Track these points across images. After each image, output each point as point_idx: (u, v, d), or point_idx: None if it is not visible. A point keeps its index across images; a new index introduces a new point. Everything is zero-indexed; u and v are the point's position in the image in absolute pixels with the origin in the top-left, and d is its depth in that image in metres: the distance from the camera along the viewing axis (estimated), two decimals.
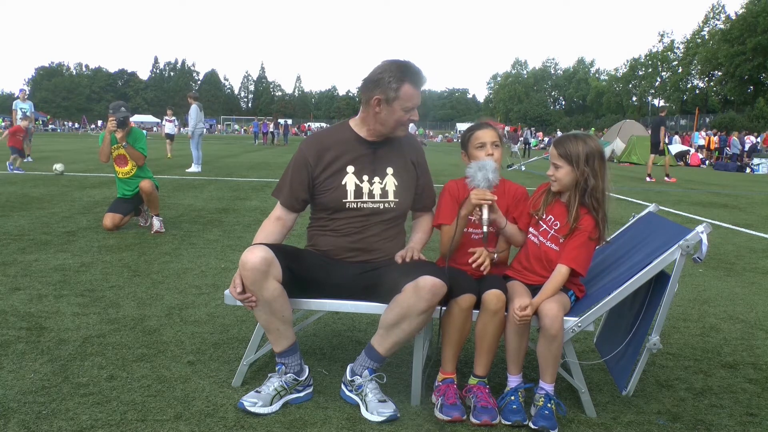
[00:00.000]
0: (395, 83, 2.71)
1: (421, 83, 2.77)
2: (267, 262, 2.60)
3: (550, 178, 2.85)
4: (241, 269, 2.62)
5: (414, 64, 2.79)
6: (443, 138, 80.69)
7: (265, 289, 2.61)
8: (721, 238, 7.82)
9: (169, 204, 9.14)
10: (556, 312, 2.59)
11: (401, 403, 2.76)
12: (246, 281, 2.62)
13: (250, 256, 2.60)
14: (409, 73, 2.73)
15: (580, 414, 2.74)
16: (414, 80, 2.74)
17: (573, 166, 2.77)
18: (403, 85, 2.71)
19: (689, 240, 2.55)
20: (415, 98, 2.77)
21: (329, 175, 2.86)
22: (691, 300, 4.75)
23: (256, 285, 2.60)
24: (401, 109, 2.75)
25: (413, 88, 2.74)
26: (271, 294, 2.63)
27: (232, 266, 5.28)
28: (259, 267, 2.58)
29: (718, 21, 73.12)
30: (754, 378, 3.25)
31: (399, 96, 2.72)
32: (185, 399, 2.75)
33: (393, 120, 2.78)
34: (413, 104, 2.77)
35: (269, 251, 2.63)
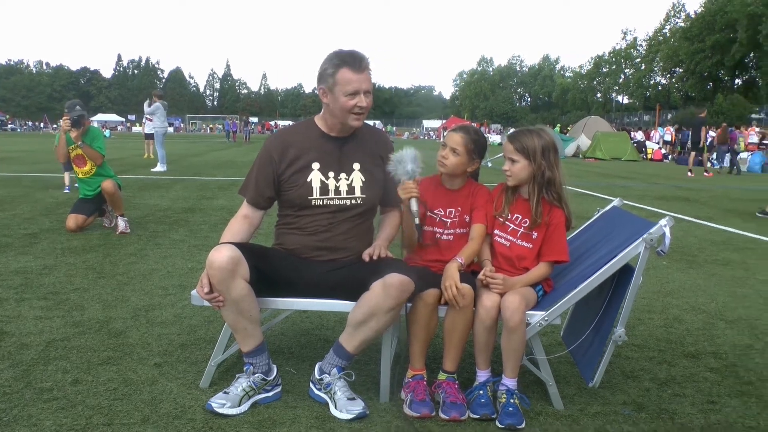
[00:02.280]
0: (331, 69, 2.72)
1: (359, 67, 2.73)
2: (234, 261, 2.58)
3: (506, 173, 2.86)
4: (208, 268, 2.59)
5: (355, 51, 2.77)
6: (410, 135, 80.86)
7: (232, 288, 2.59)
8: (683, 231, 7.98)
9: (134, 204, 9.00)
10: (517, 305, 2.62)
11: (370, 400, 2.76)
12: (213, 281, 2.59)
13: (216, 255, 2.58)
14: (345, 58, 2.72)
15: (548, 406, 2.77)
16: (350, 64, 2.71)
17: (530, 160, 2.80)
18: (339, 71, 2.71)
19: (653, 233, 2.60)
20: (355, 82, 2.72)
21: (294, 172, 2.85)
22: (655, 292, 4.84)
23: (223, 284, 2.58)
24: (343, 94, 2.73)
25: (351, 72, 2.71)
26: (239, 293, 2.61)
27: (198, 266, 5.22)
28: (226, 266, 2.56)
29: (679, 19, 74.69)
30: (715, 367, 3.33)
31: (337, 81, 2.71)
32: (152, 402, 2.71)
33: (339, 108, 2.77)
34: (354, 88, 2.73)
35: (236, 250, 2.61)
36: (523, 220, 2.87)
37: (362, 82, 2.75)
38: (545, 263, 2.84)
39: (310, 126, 2.94)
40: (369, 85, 2.79)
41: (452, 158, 2.89)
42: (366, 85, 2.77)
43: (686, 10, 75.35)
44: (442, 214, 2.94)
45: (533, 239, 2.85)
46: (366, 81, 2.77)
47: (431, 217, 2.94)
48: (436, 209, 2.95)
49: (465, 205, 2.95)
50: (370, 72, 2.79)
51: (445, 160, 2.90)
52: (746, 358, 3.48)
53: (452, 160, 2.89)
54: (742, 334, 3.88)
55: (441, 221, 2.93)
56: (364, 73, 2.75)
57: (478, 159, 2.96)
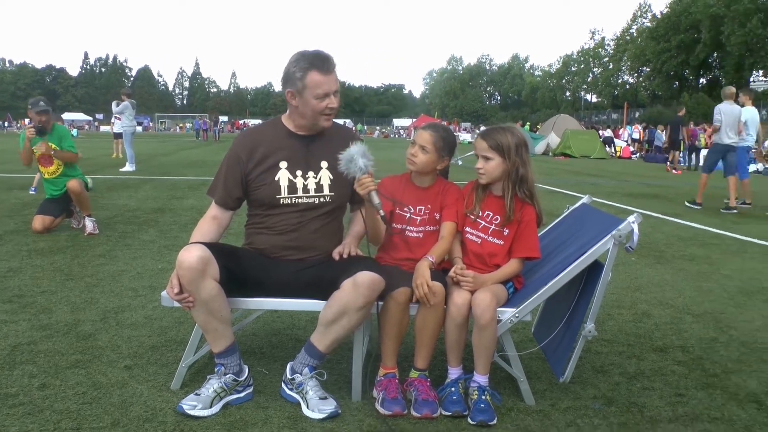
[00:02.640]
0: (300, 73, 2.70)
1: (327, 68, 2.72)
2: (204, 261, 2.56)
3: (479, 171, 2.87)
4: (177, 269, 2.57)
5: (320, 51, 2.76)
6: (380, 134, 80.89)
7: (202, 288, 2.57)
8: (651, 227, 8.12)
9: (102, 204, 8.86)
10: (488, 302, 2.63)
11: (342, 399, 2.75)
12: (183, 281, 2.57)
13: (186, 255, 2.55)
14: (312, 61, 2.71)
15: (519, 402, 2.80)
16: (319, 66, 2.70)
17: (504, 157, 2.82)
18: (309, 74, 2.69)
19: (621, 230, 2.63)
20: (325, 84, 2.72)
21: (262, 171, 2.83)
22: (624, 288, 4.91)
23: (193, 285, 2.56)
24: (313, 97, 2.72)
25: (320, 75, 2.70)
26: (209, 294, 2.59)
27: (169, 267, 5.16)
28: (196, 266, 2.53)
29: (646, 20, 75.95)
30: (682, 360, 3.39)
31: (306, 85, 2.70)
32: (122, 405, 2.67)
33: (309, 110, 2.76)
34: (324, 91, 2.72)
35: (206, 250, 2.59)
36: (494, 218, 2.89)
37: (331, 84, 2.75)
38: (516, 260, 2.86)
39: (277, 125, 2.93)
40: (337, 85, 2.79)
41: (421, 156, 2.90)
42: (335, 85, 2.77)
43: (652, 11, 76.91)
44: (412, 212, 2.94)
45: (504, 236, 2.87)
46: (335, 82, 2.77)
47: (401, 214, 2.95)
48: (406, 207, 2.95)
49: (435, 202, 2.96)
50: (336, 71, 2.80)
51: (415, 158, 2.91)
52: (712, 351, 3.55)
53: (421, 158, 2.90)
54: (707, 328, 3.96)
55: (411, 219, 2.94)
56: (332, 74, 2.75)
57: (448, 157, 2.97)
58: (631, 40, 76.78)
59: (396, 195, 2.96)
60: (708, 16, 58.13)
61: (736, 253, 6.56)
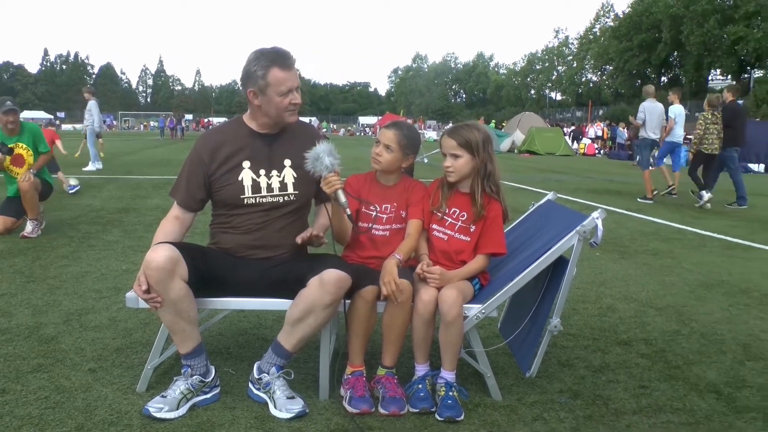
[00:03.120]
0: (261, 71, 2.67)
1: (288, 64, 2.70)
2: (173, 261, 2.52)
3: (447, 169, 2.88)
4: (145, 269, 2.52)
5: (279, 48, 2.73)
6: (345, 132, 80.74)
7: (170, 289, 2.53)
8: (615, 223, 8.26)
9: (65, 204, 8.69)
10: (454, 299, 2.65)
11: (310, 398, 2.74)
12: (151, 281, 2.52)
13: (154, 255, 2.51)
14: (273, 58, 2.68)
15: (486, 398, 2.82)
16: (280, 63, 2.68)
17: (473, 154, 2.84)
18: (270, 71, 2.67)
19: (586, 226, 2.66)
20: (288, 81, 2.70)
21: (225, 172, 2.80)
22: (589, 282, 4.99)
23: (161, 285, 2.52)
24: (277, 95, 2.70)
25: (282, 71, 2.68)
26: (177, 294, 2.55)
27: (134, 268, 5.08)
28: (164, 266, 2.50)
29: (608, 19, 77.20)
30: (646, 353, 3.46)
31: (269, 83, 2.68)
32: (87, 408, 2.62)
33: (273, 108, 2.74)
34: (287, 87, 2.70)
35: (175, 250, 2.55)
36: (461, 214, 2.91)
37: (294, 79, 2.73)
38: (482, 256, 2.88)
39: (239, 124, 2.90)
40: (298, 80, 2.77)
41: (386, 155, 2.90)
42: (297, 81, 2.76)
43: (615, 10, 77.97)
44: (378, 210, 2.95)
45: (471, 232, 2.89)
46: (296, 77, 2.75)
47: (366, 213, 2.95)
48: (372, 205, 2.95)
49: (400, 200, 2.96)
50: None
51: (380, 157, 2.91)
52: (674, 343, 3.63)
53: (386, 157, 2.90)
54: (670, 321, 4.04)
55: (377, 217, 2.94)
56: (293, 69, 2.73)
57: (412, 154, 2.98)
58: (594, 39, 77.97)
59: (362, 193, 2.96)
60: (668, 16, 59.34)
61: (697, 248, 6.71)
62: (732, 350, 3.53)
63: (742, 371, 3.23)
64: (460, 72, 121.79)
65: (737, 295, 4.72)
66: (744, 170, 20.64)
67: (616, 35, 69.02)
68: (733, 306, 4.43)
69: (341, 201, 2.67)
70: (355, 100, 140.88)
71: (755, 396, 2.93)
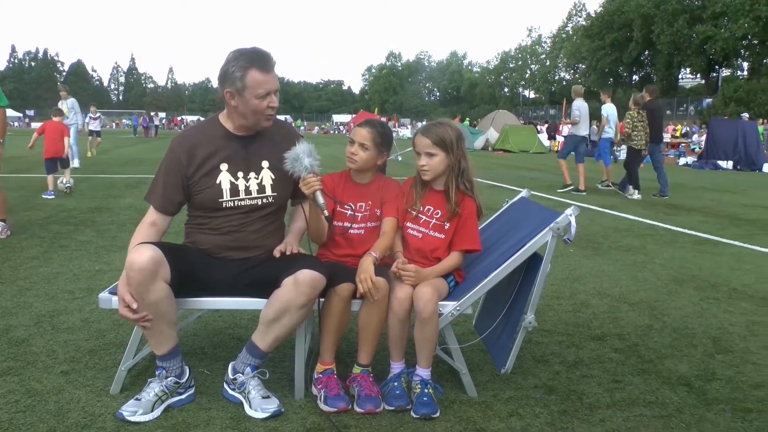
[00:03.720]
0: (239, 72, 2.62)
1: (267, 67, 2.64)
2: (156, 263, 2.48)
3: (422, 168, 2.87)
4: (128, 270, 2.47)
5: (259, 49, 2.68)
6: (320, 130, 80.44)
7: (152, 291, 2.49)
8: (588, 219, 8.35)
9: (35, 205, 8.54)
10: (429, 296, 2.65)
11: (285, 397, 2.73)
12: (132, 283, 2.48)
13: (137, 256, 2.47)
14: (252, 59, 2.63)
15: (462, 394, 2.83)
16: (259, 65, 2.63)
17: (448, 152, 2.85)
18: (248, 73, 2.61)
19: (559, 222, 2.68)
20: (266, 83, 2.65)
21: (203, 175, 2.75)
22: (563, 279, 5.04)
23: (143, 286, 2.47)
24: (254, 97, 2.65)
25: (260, 74, 2.63)
26: (158, 296, 2.52)
27: (107, 268, 5.02)
28: (147, 267, 2.46)
29: (581, 18, 77.88)
30: (619, 347, 3.51)
31: (246, 85, 2.62)
32: (59, 412, 2.58)
33: (250, 111, 2.69)
34: (265, 90, 2.65)
35: (158, 251, 2.51)
36: (435, 212, 2.92)
37: (272, 82, 2.68)
38: (457, 253, 2.89)
39: (215, 125, 2.84)
40: (277, 83, 2.72)
41: (362, 153, 2.90)
42: (276, 84, 2.71)
43: (587, 10, 78.72)
44: (353, 209, 2.94)
45: (445, 230, 2.90)
46: (275, 80, 2.70)
47: (342, 212, 2.94)
48: (347, 204, 2.95)
49: (375, 198, 2.96)
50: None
51: (355, 156, 2.90)
52: (647, 338, 3.68)
53: (362, 156, 2.90)
54: (643, 316, 4.10)
55: (352, 215, 2.94)
56: (272, 72, 2.68)
57: (386, 152, 2.98)
58: (567, 38, 78.63)
59: (336, 192, 2.96)
60: (639, 16, 60.06)
61: (669, 243, 6.81)
62: (702, 344, 3.59)
63: (712, 364, 3.29)
64: (434, 70, 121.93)
65: (707, 290, 4.80)
66: (713, 167, 21.08)
67: (588, 34, 69.71)
68: (703, 300, 4.51)
69: (320, 202, 2.67)
70: (329, 98, 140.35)
71: (724, 388, 2.98)
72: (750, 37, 52.06)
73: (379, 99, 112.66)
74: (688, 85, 70.69)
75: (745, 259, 6.04)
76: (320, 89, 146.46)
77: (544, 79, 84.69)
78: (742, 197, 11.86)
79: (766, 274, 5.37)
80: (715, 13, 53.77)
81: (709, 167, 21.33)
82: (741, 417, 2.69)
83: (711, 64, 59.55)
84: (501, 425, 2.56)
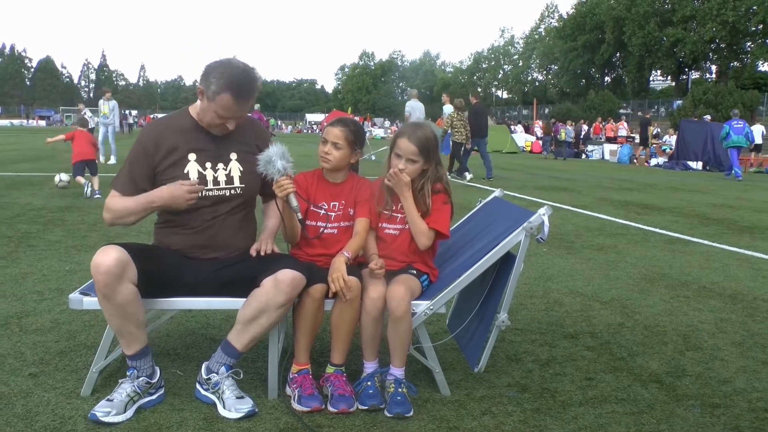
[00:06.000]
0: (215, 86, 2.59)
1: (242, 97, 2.62)
2: (122, 264, 2.45)
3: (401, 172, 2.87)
4: (93, 272, 2.44)
5: (248, 74, 2.64)
6: (293, 129, 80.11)
7: (118, 292, 2.46)
8: (561, 219, 8.43)
9: (2, 203, 8.37)
10: (402, 295, 2.65)
11: (258, 398, 2.71)
12: (98, 285, 2.44)
13: (103, 257, 2.43)
14: (233, 85, 2.59)
15: (435, 393, 2.84)
16: (236, 93, 2.59)
17: (428, 158, 2.87)
18: (223, 93, 2.59)
19: (533, 222, 2.70)
20: (232, 110, 2.63)
21: (170, 164, 2.73)
22: (536, 278, 5.08)
23: (109, 288, 2.44)
24: (215, 113, 2.64)
25: (233, 101, 2.60)
26: (125, 297, 2.48)
27: (77, 268, 4.94)
28: (113, 269, 2.42)
29: (553, 19, 78.68)
30: (592, 345, 3.54)
31: (215, 101, 2.61)
32: (27, 415, 2.53)
33: (207, 117, 2.69)
34: (228, 115, 2.65)
35: (124, 252, 2.48)
36: None
37: (239, 111, 2.67)
38: (428, 229, 2.88)
39: (185, 116, 2.83)
40: (245, 110, 2.71)
41: (335, 153, 2.89)
42: (243, 112, 2.70)
43: (559, 11, 79.49)
44: (326, 208, 2.93)
45: None
46: (245, 109, 2.69)
47: (314, 211, 2.93)
48: (320, 203, 2.94)
49: (349, 198, 2.96)
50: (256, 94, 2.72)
51: (329, 156, 2.89)
52: (619, 335, 3.73)
53: (336, 155, 2.89)
54: (614, 314, 4.15)
55: (325, 215, 2.93)
56: (246, 103, 2.66)
57: (359, 150, 2.98)
58: (539, 39, 79.35)
59: (310, 191, 2.94)
60: (611, 18, 60.85)
61: (640, 242, 6.91)
62: (673, 341, 3.65)
63: (683, 361, 3.34)
64: (407, 69, 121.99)
65: (678, 288, 4.88)
66: (684, 167, 21.44)
67: (560, 35, 70.44)
68: (674, 298, 4.58)
69: (293, 205, 2.66)
70: (302, 97, 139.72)
71: (694, 384, 3.03)
72: (717, 40, 53.09)
73: (353, 98, 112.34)
74: (659, 87, 71.83)
75: (714, 257, 6.15)
76: (293, 88, 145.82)
77: (517, 80, 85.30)
78: (711, 197, 12.08)
79: (734, 273, 5.47)
80: (685, 16, 54.72)
81: (679, 168, 21.68)
82: (710, 412, 2.74)
83: (681, 67, 60.60)
84: (474, 423, 2.57)
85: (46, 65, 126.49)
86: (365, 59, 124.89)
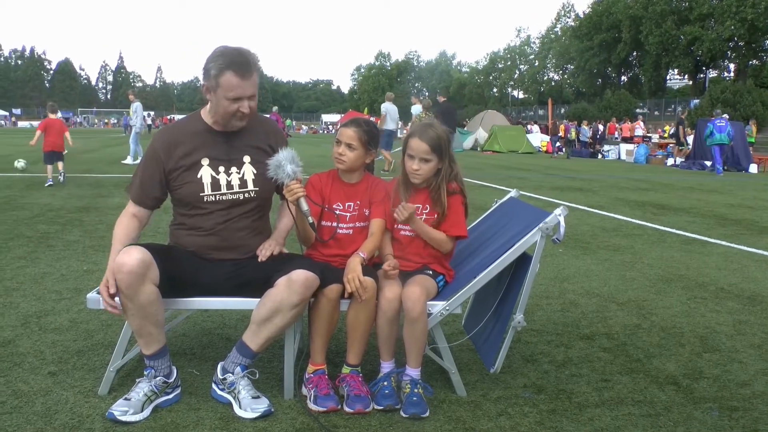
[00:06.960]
0: (215, 71, 2.58)
1: (244, 72, 2.57)
2: (145, 265, 2.47)
3: (416, 172, 2.87)
4: (116, 273, 2.46)
5: (242, 51, 2.62)
6: (308, 129, 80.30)
7: (141, 293, 2.48)
8: (577, 219, 8.38)
9: (22, 204, 8.47)
10: (418, 295, 2.65)
11: (274, 397, 2.72)
12: (121, 285, 2.46)
13: (126, 258, 2.46)
14: (230, 60, 2.57)
15: (451, 394, 2.83)
16: (236, 68, 2.56)
17: (441, 157, 2.87)
18: (223, 74, 2.57)
19: (548, 222, 2.69)
20: (238, 88, 2.59)
21: (184, 170, 2.75)
22: (552, 278, 5.06)
23: (131, 289, 2.46)
24: (225, 98, 2.62)
25: (235, 77, 2.57)
26: (147, 298, 2.50)
27: (95, 268, 4.99)
28: (136, 270, 2.45)
29: (569, 19, 78.30)
30: (608, 347, 3.52)
31: (219, 85, 2.59)
32: (46, 413, 2.56)
33: (221, 110, 2.66)
34: (236, 94, 2.60)
35: (146, 252, 2.50)
36: (423, 208, 2.92)
37: (247, 88, 2.62)
38: (447, 237, 2.90)
39: (197, 120, 2.83)
40: (254, 89, 2.66)
41: (349, 154, 2.89)
42: (251, 90, 2.64)
43: (575, 11, 79.10)
44: (341, 209, 2.94)
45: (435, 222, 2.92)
46: (251, 86, 2.64)
47: (329, 212, 2.94)
48: (335, 203, 2.94)
49: (364, 198, 2.96)
50: (258, 72, 2.67)
51: (343, 157, 2.89)
52: (635, 337, 3.70)
53: (350, 156, 2.89)
54: (631, 315, 4.12)
55: (340, 216, 2.93)
56: (249, 78, 2.61)
57: (374, 150, 2.98)
58: (555, 39, 78.97)
59: (325, 192, 2.95)
60: (628, 17, 60.45)
61: (657, 243, 6.85)
62: (690, 343, 3.62)
63: (700, 363, 3.31)
64: (423, 70, 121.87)
65: (695, 289, 4.83)
66: (701, 168, 21.22)
67: (576, 35, 70.07)
68: (691, 300, 4.54)
69: (304, 209, 2.67)
70: (318, 98, 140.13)
71: (712, 386, 3.01)
72: (736, 38, 52.50)
73: (369, 99, 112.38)
74: (676, 86, 71.20)
75: (731, 258, 6.09)
76: (309, 89, 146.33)
77: (533, 80, 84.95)
78: (729, 197, 11.95)
79: (752, 274, 5.42)
80: (702, 14, 54.18)
81: (696, 168, 21.45)
82: (728, 415, 2.71)
83: (698, 66, 60.02)
84: (490, 424, 2.57)
85: (64, 67, 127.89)
86: (381, 60, 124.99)
